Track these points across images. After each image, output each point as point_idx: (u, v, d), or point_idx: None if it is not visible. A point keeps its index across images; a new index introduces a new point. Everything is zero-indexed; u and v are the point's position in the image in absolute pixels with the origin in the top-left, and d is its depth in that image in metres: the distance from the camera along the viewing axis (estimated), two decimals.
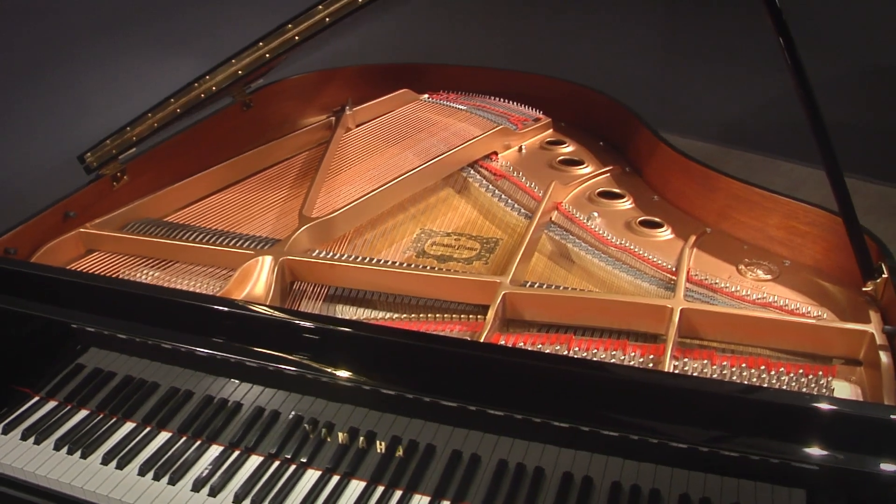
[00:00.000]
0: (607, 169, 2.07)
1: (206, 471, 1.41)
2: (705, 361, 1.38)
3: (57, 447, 1.48)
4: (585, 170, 2.08)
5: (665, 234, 1.80)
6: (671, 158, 1.91)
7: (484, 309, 1.49)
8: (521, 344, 1.43)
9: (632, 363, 1.38)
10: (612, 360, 1.39)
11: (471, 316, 1.53)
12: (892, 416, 1.09)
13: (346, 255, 1.70)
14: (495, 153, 2.13)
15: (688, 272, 1.63)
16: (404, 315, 1.56)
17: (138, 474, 1.42)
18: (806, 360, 1.40)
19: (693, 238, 1.74)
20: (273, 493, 1.36)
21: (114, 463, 1.44)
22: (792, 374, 1.34)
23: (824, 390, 1.31)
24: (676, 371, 1.35)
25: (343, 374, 1.33)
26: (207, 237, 1.73)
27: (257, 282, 1.58)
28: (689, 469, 1.18)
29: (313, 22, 1.59)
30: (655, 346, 1.42)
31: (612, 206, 1.91)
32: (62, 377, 1.59)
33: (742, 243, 1.75)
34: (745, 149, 3.81)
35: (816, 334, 1.40)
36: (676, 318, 1.40)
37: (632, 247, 1.72)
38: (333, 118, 2.28)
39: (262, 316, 1.41)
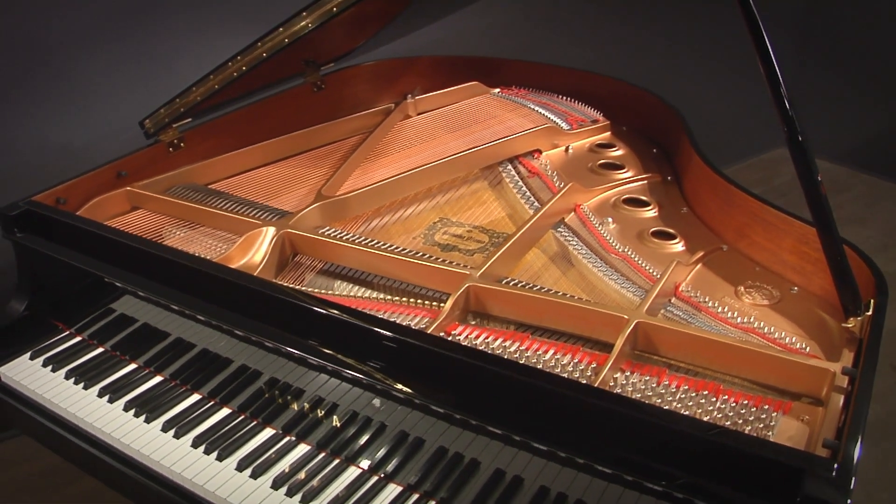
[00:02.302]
0: (645, 176, 2.01)
1: (178, 416, 1.54)
2: (647, 378, 1.33)
3: (67, 377, 1.66)
4: (624, 175, 2.03)
5: (676, 246, 1.74)
6: (702, 170, 1.83)
7: None
8: (471, 335, 1.44)
9: (572, 370, 1.36)
10: (554, 364, 1.37)
11: (442, 304, 1.56)
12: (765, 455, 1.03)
13: (350, 234, 1.76)
14: (539, 151, 2.13)
15: (677, 287, 1.57)
16: (380, 295, 1.61)
17: (123, 409, 1.57)
18: (766, 392, 1.32)
19: (700, 254, 1.67)
20: (228, 442, 1.47)
21: (106, 397, 1.60)
22: (734, 404, 1.27)
23: (761, 425, 1.23)
24: (609, 385, 1.31)
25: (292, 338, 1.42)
26: (234, 205, 1.86)
27: (258, 250, 1.69)
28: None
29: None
30: (608, 355, 1.39)
31: (634, 214, 1.86)
32: (93, 317, 1.78)
33: (755, 265, 1.66)
34: (872, 173, 3.52)
35: (777, 367, 1.31)
36: (628, 330, 1.36)
37: (632, 256, 1.67)
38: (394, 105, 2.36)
39: (243, 286, 1.51)
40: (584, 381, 1.31)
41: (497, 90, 2.50)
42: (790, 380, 1.31)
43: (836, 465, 1.03)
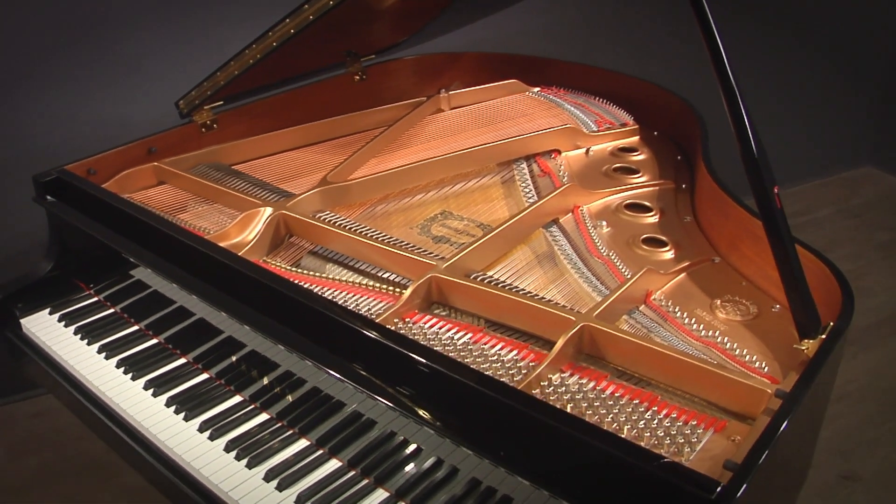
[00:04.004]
0: (657, 182, 1.96)
1: (160, 377, 1.64)
2: (584, 381, 1.32)
3: (75, 332, 1.80)
4: (637, 180, 1.99)
5: (666, 254, 1.69)
6: (704, 179, 1.78)
7: None
8: (426, 324, 1.46)
9: (510, 366, 1.36)
10: (496, 359, 1.37)
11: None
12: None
13: (343, 219, 1.81)
14: (557, 151, 2.11)
15: (648, 295, 1.54)
16: (361, 280, 1.65)
17: (115, 366, 1.69)
18: (706, 408, 1.27)
19: (686, 264, 1.63)
20: (197, 404, 1.55)
21: (104, 354, 1.73)
22: (662, 417, 1.24)
23: (683, 440, 1.20)
24: (541, 384, 1.30)
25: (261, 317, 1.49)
26: (245, 185, 1.95)
27: (253, 229, 1.77)
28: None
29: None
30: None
31: (634, 220, 1.83)
32: (111, 281, 1.91)
33: (742, 279, 1.60)
34: None
35: (716, 384, 1.26)
36: (570, 332, 1.35)
37: (614, 260, 1.65)
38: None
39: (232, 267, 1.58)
40: (518, 378, 1.31)
41: (536, 89, 2.49)
42: (729, 398, 1.26)
43: (719, 488, 0.99)
